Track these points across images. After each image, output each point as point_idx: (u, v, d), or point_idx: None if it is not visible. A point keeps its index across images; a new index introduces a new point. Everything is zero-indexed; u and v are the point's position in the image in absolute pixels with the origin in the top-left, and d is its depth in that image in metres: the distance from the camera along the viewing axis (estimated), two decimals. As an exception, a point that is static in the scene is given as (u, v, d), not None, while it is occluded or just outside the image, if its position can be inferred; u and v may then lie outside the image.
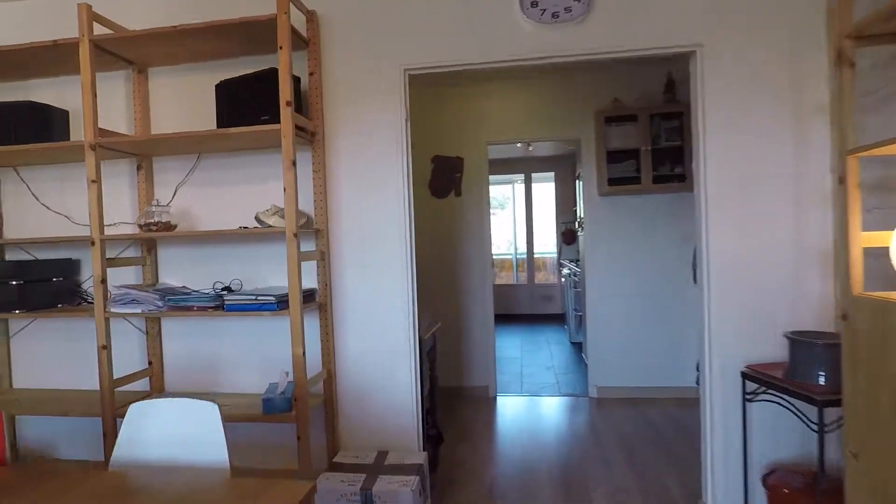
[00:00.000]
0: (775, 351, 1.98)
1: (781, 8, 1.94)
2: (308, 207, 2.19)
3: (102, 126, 2.25)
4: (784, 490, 1.82)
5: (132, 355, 2.36)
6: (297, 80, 2.05)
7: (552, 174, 7.26)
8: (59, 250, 2.42)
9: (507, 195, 8.21)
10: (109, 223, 2.35)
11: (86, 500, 1.06)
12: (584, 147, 3.81)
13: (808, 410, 1.77)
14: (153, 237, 2.12)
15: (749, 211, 1.98)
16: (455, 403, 3.81)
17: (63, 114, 2.26)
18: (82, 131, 2.23)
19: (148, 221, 2.07)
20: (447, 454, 2.86)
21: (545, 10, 2.02)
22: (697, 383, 2.76)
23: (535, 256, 7.49)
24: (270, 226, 2.00)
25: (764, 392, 1.87)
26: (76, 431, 2.43)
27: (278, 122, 1.86)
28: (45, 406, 2.16)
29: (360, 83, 2.17)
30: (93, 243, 1.99)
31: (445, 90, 3.93)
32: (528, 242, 7.41)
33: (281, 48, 1.81)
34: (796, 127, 1.95)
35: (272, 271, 2.24)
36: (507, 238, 8.61)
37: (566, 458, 2.75)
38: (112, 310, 2.01)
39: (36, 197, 2.41)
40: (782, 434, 1.98)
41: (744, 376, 1.95)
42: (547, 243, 7.94)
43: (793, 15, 1.93)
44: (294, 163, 1.84)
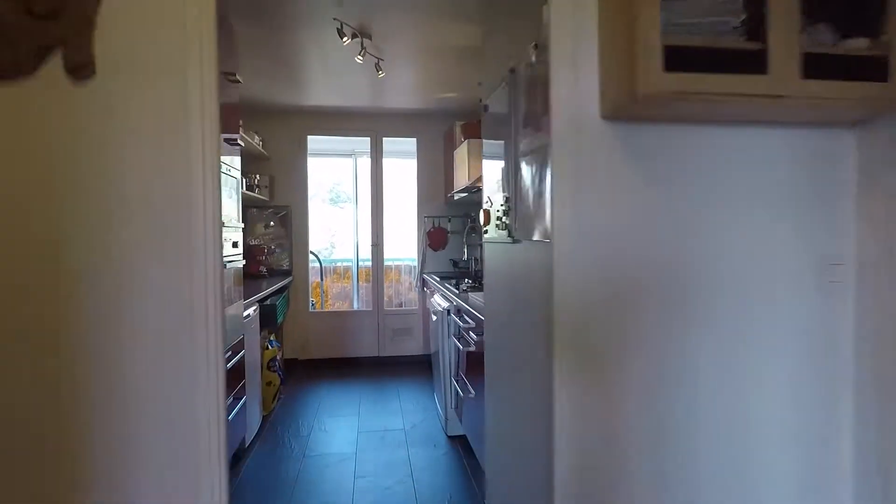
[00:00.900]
0: None
1: None
2: None
3: None
4: None
5: None
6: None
7: (413, 142, 4.80)
8: None
9: (346, 174, 5.56)
10: None
11: None
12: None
13: None
14: None
15: None
16: None
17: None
18: None
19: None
20: None
21: None
22: None
23: (388, 263, 4.99)
24: None
25: None
26: None
27: None
28: None
29: None
30: None
31: None
32: (375, 247, 4.83)
33: None
34: None
35: None
36: (340, 237, 5.96)
37: None
38: None
39: None
40: None
41: None
42: (403, 246, 5.46)
43: None
44: None
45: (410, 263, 5.95)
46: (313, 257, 4.86)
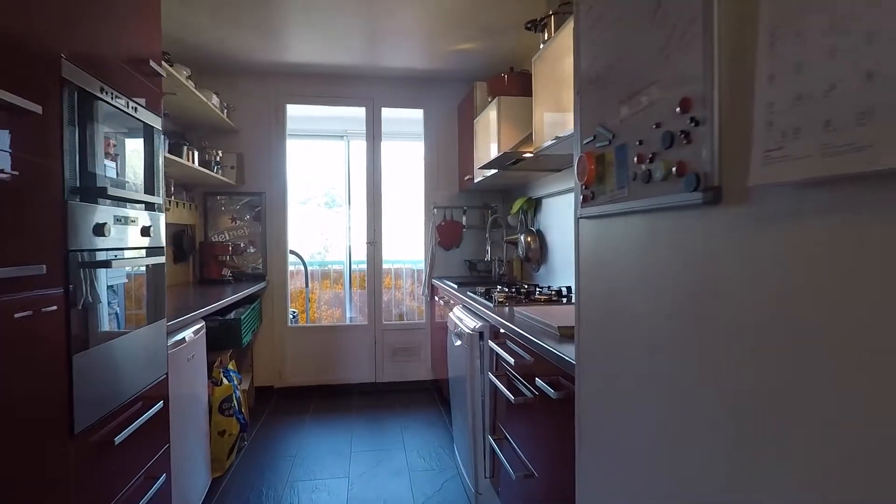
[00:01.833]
0: None
1: None
2: None
3: None
4: None
5: None
6: None
7: (420, 113, 3.85)
8: None
9: (337, 161, 4.60)
10: None
11: None
12: None
13: None
14: None
15: None
16: None
17: None
18: None
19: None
20: None
21: None
22: None
23: (387, 266, 4.01)
24: None
25: None
26: None
27: None
28: None
29: None
30: None
31: None
32: (372, 246, 3.86)
33: None
34: None
35: None
36: (334, 239, 5.00)
37: None
38: None
39: None
40: None
41: None
42: (401, 245, 4.52)
43: None
44: None
45: (411, 266, 5.01)
46: (295, 258, 3.89)
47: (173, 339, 1.85)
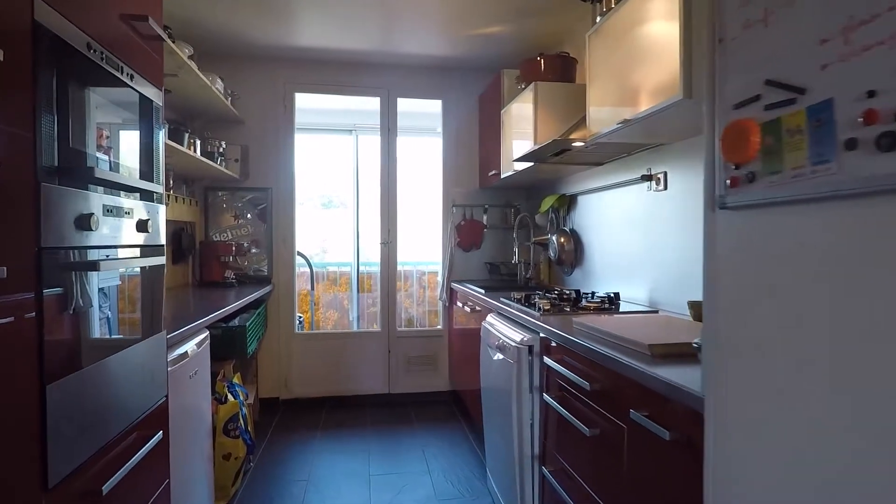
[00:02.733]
0: None
1: None
2: None
3: None
4: None
5: None
6: None
7: (438, 104, 3.58)
8: None
9: (345, 157, 4.32)
10: None
11: None
12: None
13: None
14: None
15: None
16: None
17: None
18: None
19: None
20: None
21: None
22: None
23: (401, 267, 3.73)
24: None
25: None
26: None
27: None
28: None
29: None
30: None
31: None
32: (386, 246, 3.57)
33: None
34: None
35: None
36: (333, 240, 4.71)
37: None
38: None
39: None
40: None
41: None
42: (412, 246, 4.25)
43: None
44: None
45: (423, 267, 4.74)
46: (301, 260, 3.61)
47: (174, 354, 1.57)
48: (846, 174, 0.61)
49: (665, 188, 1.97)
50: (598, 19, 1.82)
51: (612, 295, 2.14)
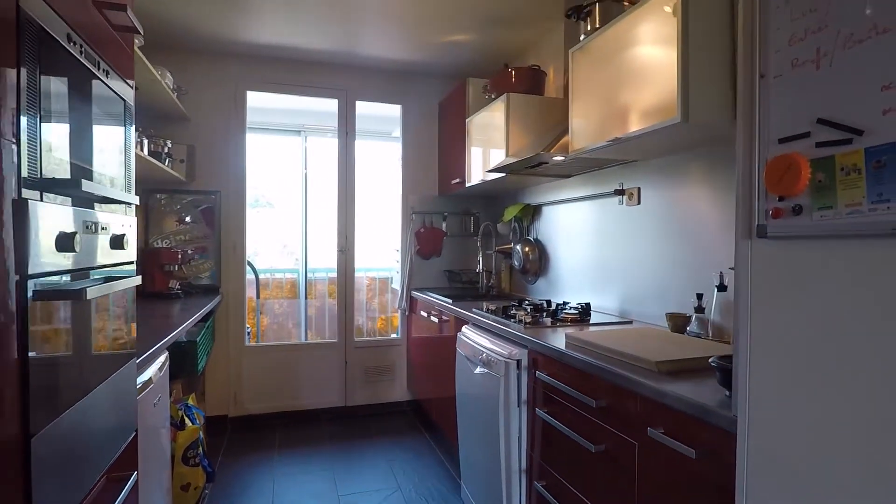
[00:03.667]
0: None
1: None
2: None
3: None
4: None
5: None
6: None
7: (398, 109, 3.50)
8: None
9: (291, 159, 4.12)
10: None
11: None
12: None
13: None
14: None
15: None
16: None
17: None
18: None
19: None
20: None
21: None
22: None
23: (357, 274, 3.60)
24: None
25: None
26: None
27: None
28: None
29: None
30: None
31: None
32: (343, 254, 3.45)
33: None
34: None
35: None
36: (265, 243, 4.49)
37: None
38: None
39: None
40: None
41: None
42: (376, 253, 4.15)
43: None
44: None
45: (374, 274, 4.63)
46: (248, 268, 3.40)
47: (139, 382, 1.41)
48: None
49: (639, 203, 2.04)
50: (583, 37, 1.86)
51: (584, 305, 2.19)
